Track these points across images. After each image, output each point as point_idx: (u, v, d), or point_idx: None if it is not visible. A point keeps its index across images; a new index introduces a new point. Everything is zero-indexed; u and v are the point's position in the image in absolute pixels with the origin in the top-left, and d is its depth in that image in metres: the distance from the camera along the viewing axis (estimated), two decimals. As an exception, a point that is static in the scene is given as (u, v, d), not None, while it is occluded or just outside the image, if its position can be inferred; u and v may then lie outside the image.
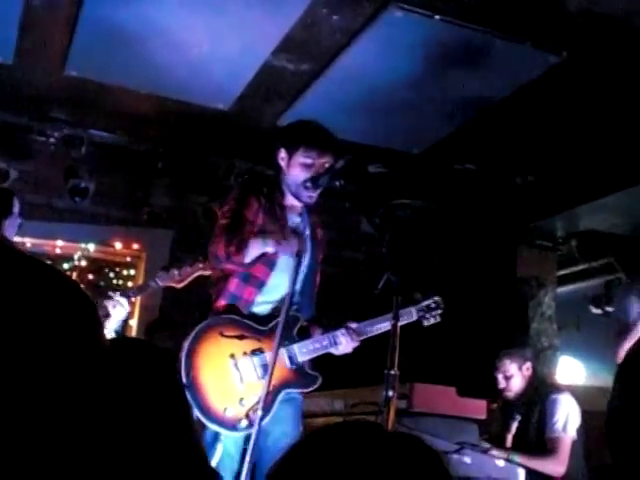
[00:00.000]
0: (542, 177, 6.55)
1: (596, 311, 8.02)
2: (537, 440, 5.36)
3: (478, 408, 5.07)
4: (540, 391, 5.56)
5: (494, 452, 5.01)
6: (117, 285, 7.52)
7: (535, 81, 5.24)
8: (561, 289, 7.88)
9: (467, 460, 4.37)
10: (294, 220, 4.30)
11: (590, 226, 7.29)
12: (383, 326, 4.05)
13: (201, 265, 4.63)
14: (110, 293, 4.31)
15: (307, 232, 4.34)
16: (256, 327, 4.07)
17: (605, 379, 5.95)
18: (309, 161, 4.15)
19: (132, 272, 7.57)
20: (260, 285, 4.14)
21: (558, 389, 5.62)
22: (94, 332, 1.19)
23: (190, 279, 4.61)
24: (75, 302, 1.18)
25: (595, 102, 5.38)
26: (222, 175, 6.99)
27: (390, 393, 3.43)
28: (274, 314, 4.11)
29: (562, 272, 7.95)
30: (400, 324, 4.01)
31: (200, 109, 6.02)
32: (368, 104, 5.76)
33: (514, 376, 5.59)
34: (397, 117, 5.95)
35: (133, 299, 4.58)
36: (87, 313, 1.19)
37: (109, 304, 4.35)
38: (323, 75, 5.44)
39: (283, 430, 3.98)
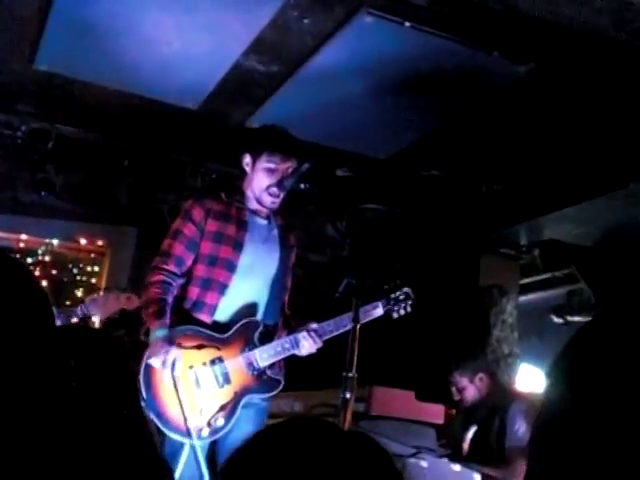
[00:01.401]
0: (507, 186, 6.60)
1: (558, 320, 8.10)
2: (497, 449, 5.38)
3: (436, 413, 5.11)
4: (499, 399, 5.59)
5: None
6: (80, 281, 7.49)
7: (502, 90, 5.28)
8: (523, 298, 7.94)
9: (424, 464, 4.40)
10: (259, 223, 4.32)
11: (553, 236, 7.35)
12: (346, 326, 4.07)
13: (125, 300, 4.72)
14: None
15: (274, 235, 4.37)
16: (215, 335, 4.09)
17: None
18: (272, 166, 4.19)
19: (96, 269, 7.55)
20: (222, 288, 4.14)
21: (519, 398, 5.65)
22: (43, 316, 1.21)
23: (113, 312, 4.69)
24: (25, 287, 1.20)
25: (561, 113, 5.43)
26: (189, 174, 6.98)
27: (347, 395, 3.46)
28: (235, 320, 4.14)
29: (525, 281, 8.01)
30: (368, 319, 4.09)
31: (169, 107, 6.01)
32: (337, 108, 5.77)
33: (467, 388, 5.64)
34: (365, 122, 5.97)
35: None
36: (36, 298, 1.21)
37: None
38: (293, 77, 5.45)
39: (243, 430, 3.99)
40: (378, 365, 5.10)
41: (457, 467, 4.62)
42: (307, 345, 4.15)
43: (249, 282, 4.20)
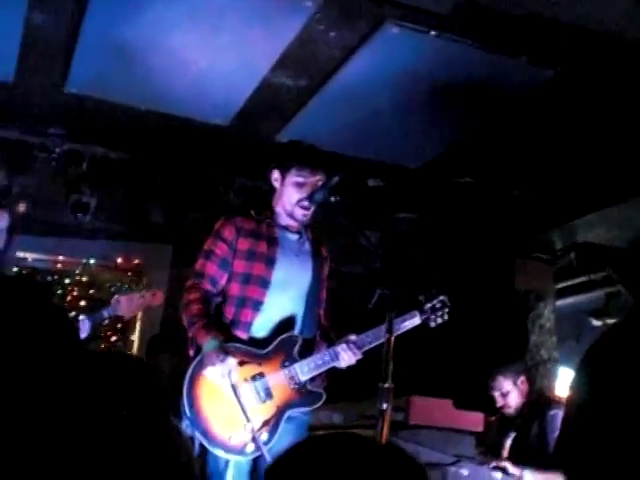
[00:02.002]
0: (540, 190, 6.57)
1: (596, 323, 8.02)
2: (538, 455, 5.34)
3: (475, 421, 5.08)
4: (539, 404, 5.56)
5: (507, 466, 4.99)
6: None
7: (531, 95, 5.27)
8: (561, 302, 7.89)
9: (464, 472, 4.39)
10: (290, 238, 4.35)
11: (588, 238, 7.30)
12: (384, 336, 4.07)
13: (150, 296, 4.79)
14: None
15: (306, 249, 4.39)
16: (255, 352, 4.11)
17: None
18: (302, 180, 4.22)
19: (133, 287, 7.60)
20: (256, 305, 4.16)
21: (558, 403, 5.60)
22: (70, 341, 1.24)
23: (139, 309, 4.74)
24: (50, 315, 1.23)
25: (590, 115, 5.41)
26: (222, 190, 7.02)
27: (384, 406, 3.45)
28: (274, 336, 4.16)
29: (562, 284, 7.95)
30: (405, 329, 4.10)
31: (199, 125, 6.05)
32: (365, 119, 5.79)
33: (510, 392, 5.59)
34: (394, 132, 5.98)
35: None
36: (63, 325, 1.24)
37: None
38: (321, 91, 5.48)
39: (283, 444, 3.98)
40: (416, 374, 5.10)
41: (499, 474, 4.60)
42: (346, 357, 4.15)
43: (284, 297, 4.22)
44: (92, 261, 7.27)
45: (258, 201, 4.58)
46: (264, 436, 3.97)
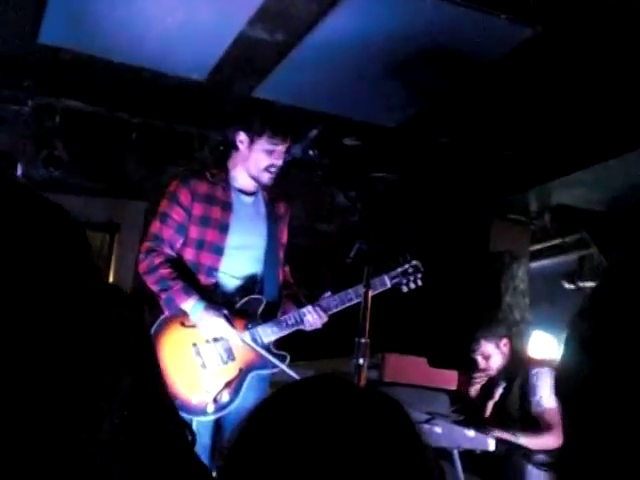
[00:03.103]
0: (517, 151, 6.56)
1: (569, 286, 8.07)
2: (521, 414, 5.37)
3: (449, 379, 5.10)
4: (519, 365, 5.57)
5: (498, 434, 5.02)
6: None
7: (509, 54, 5.23)
8: (534, 264, 7.92)
9: (438, 430, 4.40)
10: (244, 202, 4.34)
11: (564, 201, 7.32)
12: (351, 300, 4.08)
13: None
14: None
15: (261, 211, 4.37)
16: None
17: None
18: (272, 147, 4.19)
19: (106, 242, 7.53)
20: (210, 271, 4.18)
21: (537, 363, 5.60)
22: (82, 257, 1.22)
23: None
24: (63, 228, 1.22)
25: (570, 76, 5.38)
26: (197, 146, 6.96)
27: (361, 361, 3.46)
28: (238, 297, 4.20)
29: (536, 247, 7.98)
30: (374, 293, 4.07)
31: (175, 79, 5.97)
32: (343, 76, 5.74)
33: (492, 355, 5.61)
34: (373, 90, 5.94)
35: None
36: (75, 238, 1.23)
37: None
38: (299, 45, 5.40)
39: (247, 400, 4.00)
40: (390, 332, 5.09)
41: (471, 432, 4.62)
42: (311, 320, 4.16)
43: (240, 262, 4.25)
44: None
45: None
46: (225, 397, 4.02)
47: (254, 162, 4.23)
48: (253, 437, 1.18)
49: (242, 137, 4.26)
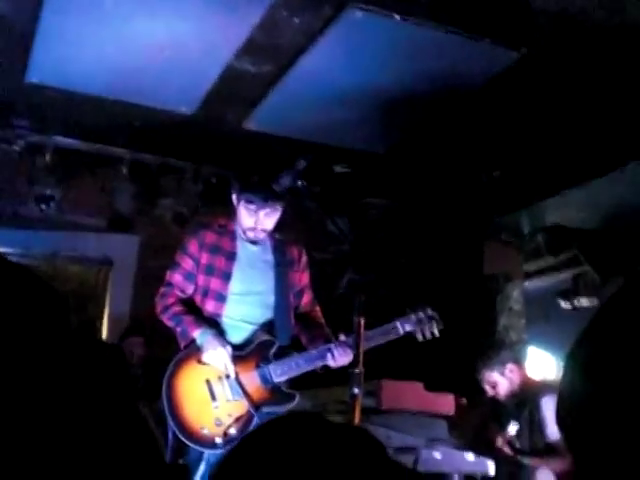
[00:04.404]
0: (506, 172, 6.58)
1: (565, 305, 8.07)
2: (530, 441, 5.35)
3: (446, 404, 5.10)
4: (528, 391, 5.53)
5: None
6: (85, 292, 7.46)
7: (496, 77, 5.27)
8: (529, 283, 7.92)
9: (437, 455, 4.40)
10: (249, 250, 4.49)
11: (556, 220, 7.33)
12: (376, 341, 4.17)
13: None
14: None
15: (268, 259, 4.49)
16: (232, 353, 4.26)
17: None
18: (249, 213, 4.35)
19: (101, 278, 7.53)
20: (214, 317, 4.36)
21: (547, 388, 5.52)
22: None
23: None
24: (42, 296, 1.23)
25: (556, 97, 5.42)
26: (189, 179, 6.98)
27: (356, 391, 3.47)
28: (252, 340, 4.36)
29: (529, 267, 7.99)
30: (386, 339, 4.25)
31: (164, 114, 6.00)
32: (331, 105, 5.77)
33: (499, 383, 5.56)
34: (360, 117, 5.96)
35: None
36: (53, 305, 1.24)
37: None
38: (286, 77, 5.44)
39: None
40: (386, 358, 5.09)
41: (471, 457, 4.62)
42: (337, 355, 4.21)
43: (243, 309, 4.40)
44: (58, 254, 7.17)
45: (225, 190, 4.61)
46: (234, 431, 4.16)
47: (240, 220, 4.42)
48: (230, 473, 1.19)
49: (233, 196, 4.45)
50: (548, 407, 5.29)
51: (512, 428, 5.36)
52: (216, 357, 4.20)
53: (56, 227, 6.96)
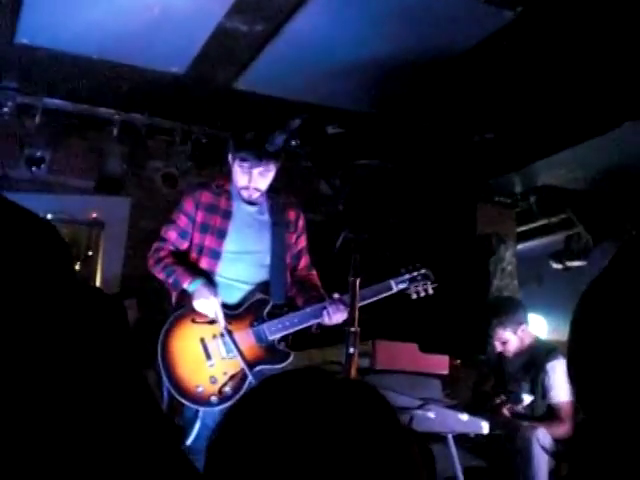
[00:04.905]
0: (499, 134, 6.56)
1: (557, 266, 8.08)
2: (532, 402, 5.36)
3: (440, 364, 5.12)
4: (535, 352, 5.52)
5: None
6: (77, 254, 7.45)
7: (490, 37, 5.22)
8: (521, 245, 7.93)
9: (431, 415, 4.41)
10: (245, 210, 4.49)
11: (548, 181, 7.32)
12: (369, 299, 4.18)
13: None
14: None
15: (264, 219, 4.48)
16: (226, 312, 4.30)
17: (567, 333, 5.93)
18: (243, 171, 4.35)
19: (92, 241, 7.52)
20: (209, 275, 4.36)
21: (555, 353, 5.46)
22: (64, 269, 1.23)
23: None
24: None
25: (550, 57, 5.37)
26: (179, 140, 6.94)
27: (351, 350, 3.48)
28: (246, 299, 4.38)
29: (522, 228, 7.98)
30: (379, 297, 4.26)
31: (154, 74, 5.95)
32: (323, 65, 5.73)
33: (510, 340, 5.54)
34: (352, 77, 5.92)
35: None
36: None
37: None
38: (277, 36, 5.39)
39: None
40: (380, 319, 5.09)
41: (465, 416, 4.63)
42: (332, 313, 4.22)
43: (238, 267, 4.41)
44: (49, 216, 7.13)
45: (214, 150, 4.60)
46: (229, 389, 4.19)
47: (235, 178, 4.42)
48: (232, 432, 1.18)
49: (229, 156, 4.45)
50: (554, 370, 5.30)
51: (527, 398, 5.36)
52: (206, 305, 4.22)
53: (47, 189, 6.93)
